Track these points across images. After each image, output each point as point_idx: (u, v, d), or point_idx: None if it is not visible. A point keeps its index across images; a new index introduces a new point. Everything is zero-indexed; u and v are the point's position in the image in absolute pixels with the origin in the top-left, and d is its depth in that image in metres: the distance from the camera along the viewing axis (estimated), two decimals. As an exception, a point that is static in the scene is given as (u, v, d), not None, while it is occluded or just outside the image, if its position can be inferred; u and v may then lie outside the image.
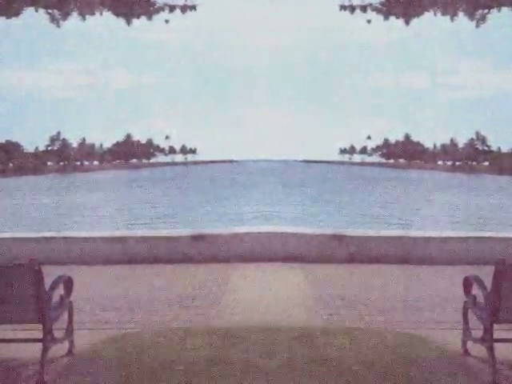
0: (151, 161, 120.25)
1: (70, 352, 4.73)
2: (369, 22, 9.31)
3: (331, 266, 8.68)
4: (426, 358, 4.58)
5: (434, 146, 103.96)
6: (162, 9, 9.19)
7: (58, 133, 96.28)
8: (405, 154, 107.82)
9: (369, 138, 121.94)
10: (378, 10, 9.21)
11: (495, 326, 4.29)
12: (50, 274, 4.67)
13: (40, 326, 4.28)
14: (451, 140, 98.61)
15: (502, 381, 4.14)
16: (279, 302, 6.43)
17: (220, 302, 6.44)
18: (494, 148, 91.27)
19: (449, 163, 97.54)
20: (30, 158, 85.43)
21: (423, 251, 9.07)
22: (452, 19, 9.05)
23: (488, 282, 4.32)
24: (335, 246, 9.16)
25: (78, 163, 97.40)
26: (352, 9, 9.26)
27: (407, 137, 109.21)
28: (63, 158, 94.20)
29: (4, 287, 4.21)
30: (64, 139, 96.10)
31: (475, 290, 4.65)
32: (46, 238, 9.30)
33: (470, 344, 4.72)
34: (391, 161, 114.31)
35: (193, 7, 9.25)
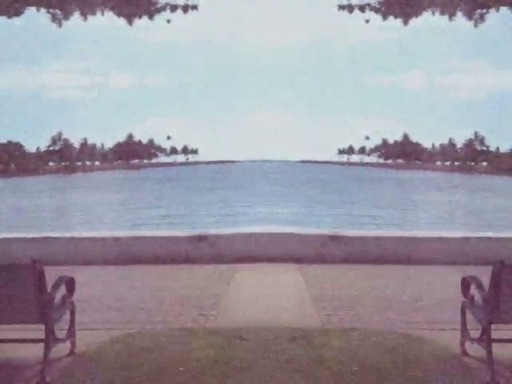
0: (152, 161, 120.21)
1: (71, 352, 4.76)
2: (367, 21, 9.32)
3: (330, 266, 8.71)
4: (424, 358, 4.60)
5: (433, 146, 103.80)
6: (163, 8, 9.19)
7: (60, 133, 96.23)
8: (403, 154, 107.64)
9: (367, 138, 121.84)
10: (376, 10, 9.22)
11: (493, 327, 4.33)
12: (52, 274, 4.70)
13: (42, 327, 4.31)
14: (450, 140, 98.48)
15: (500, 381, 4.16)
16: (278, 303, 6.46)
17: (221, 303, 6.48)
18: (492, 148, 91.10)
19: (447, 163, 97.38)
20: (31, 159, 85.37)
21: (421, 251, 9.08)
22: (450, 19, 9.06)
23: (487, 283, 4.35)
24: (333, 246, 9.18)
25: (80, 163, 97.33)
26: (351, 8, 9.27)
27: (406, 137, 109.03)
28: (65, 158, 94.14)
29: (6, 287, 4.24)
30: (65, 139, 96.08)
31: (473, 291, 4.68)
32: (48, 239, 9.33)
33: (468, 344, 4.74)
34: (390, 161, 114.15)
35: (194, 7, 9.25)
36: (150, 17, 9.25)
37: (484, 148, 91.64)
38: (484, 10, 8.97)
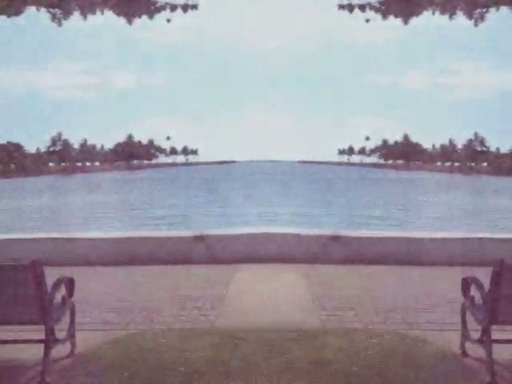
0: (152, 161, 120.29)
1: (71, 353, 4.76)
2: (367, 21, 9.30)
3: (329, 266, 8.70)
4: (424, 358, 4.60)
5: (433, 147, 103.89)
6: (163, 8, 9.16)
7: (59, 134, 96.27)
8: (403, 154, 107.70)
9: (367, 138, 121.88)
10: (376, 9, 9.19)
11: (493, 327, 4.33)
12: (52, 274, 4.70)
13: (42, 327, 4.30)
14: (450, 140, 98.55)
15: (500, 381, 4.16)
16: (278, 303, 6.46)
17: (220, 303, 6.47)
18: (492, 149, 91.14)
19: (447, 164, 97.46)
20: (31, 159, 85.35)
21: (421, 252, 9.08)
22: (450, 18, 9.04)
23: (487, 283, 4.34)
24: (333, 246, 9.18)
25: (80, 164, 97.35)
26: (351, 8, 9.25)
27: (406, 137, 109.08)
28: (64, 158, 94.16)
29: (6, 288, 4.23)
30: (65, 140, 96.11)
31: (473, 291, 4.68)
32: (47, 239, 9.33)
33: (468, 345, 4.74)
34: (390, 162, 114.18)
35: (194, 6, 9.23)
36: (150, 16, 9.22)
37: (484, 149, 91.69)
38: (484, 10, 8.96)
